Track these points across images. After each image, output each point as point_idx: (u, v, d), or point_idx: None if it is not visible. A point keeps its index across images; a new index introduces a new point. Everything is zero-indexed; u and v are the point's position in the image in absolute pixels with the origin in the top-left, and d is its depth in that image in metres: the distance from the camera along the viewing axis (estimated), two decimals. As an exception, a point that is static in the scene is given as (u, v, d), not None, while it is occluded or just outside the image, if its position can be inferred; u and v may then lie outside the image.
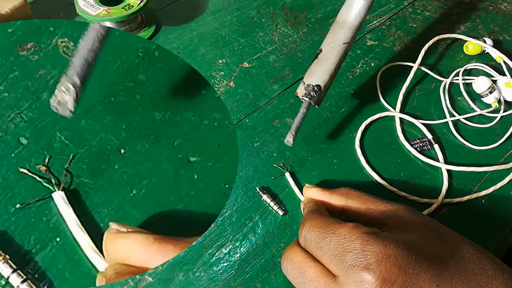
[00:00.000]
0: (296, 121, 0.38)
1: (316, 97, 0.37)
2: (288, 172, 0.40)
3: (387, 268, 0.25)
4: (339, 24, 0.37)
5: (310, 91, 0.36)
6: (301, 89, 0.38)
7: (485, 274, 0.26)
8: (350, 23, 0.37)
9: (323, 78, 0.37)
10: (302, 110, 0.37)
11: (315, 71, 0.37)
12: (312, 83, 0.37)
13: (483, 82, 0.46)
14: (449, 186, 0.40)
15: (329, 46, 0.37)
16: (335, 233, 0.28)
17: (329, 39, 0.38)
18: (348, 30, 0.37)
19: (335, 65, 0.37)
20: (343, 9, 0.38)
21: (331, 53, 0.37)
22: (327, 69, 0.37)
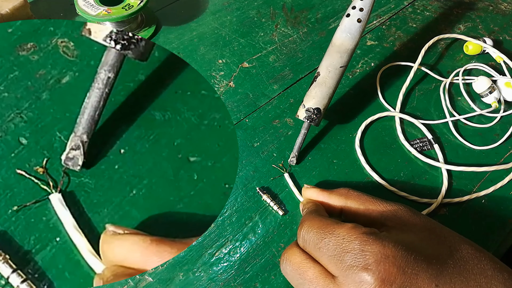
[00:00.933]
0: (298, 141, 0.40)
1: (317, 119, 0.39)
2: (287, 173, 0.40)
3: (386, 268, 0.25)
4: (335, 47, 0.39)
5: (311, 114, 0.39)
6: (302, 111, 0.40)
7: (484, 274, 0.26)
8: (346, 47, 0.38)
9: (322, 101, 0.39)
10: (303, 131, 0.40)
11: (314, 95, 0.39)
12: (312, 107, 0.39)
13: (483, 82, 0.46)
14: (449, 186, 0.40)
15: (327, 70, 0.39)
16: (333, 233, 0.28)
17: (326, 62, 0.39)
18: (344, 54, 0.38)
19: (333, 89, 0.40)
20: (338, 32, 0.39)
21: (329, 77, 0.39)
22: (326, 93, 0.39)
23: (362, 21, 0.38)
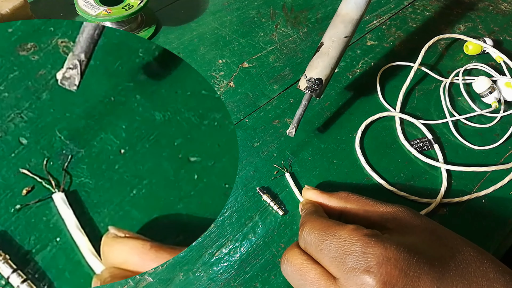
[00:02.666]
0: (298, 112, 0.39)
1: (318, 89, 0.38)
2: (288, 173, 0.40)
3: (387, 270, 0.25)
4: (340, 17, 0.38)
5: (312, 84, 0.37)
6: (303, 81, 0.39)
7: (486, 276, 0.26)
8: (351, 17, 0.37)
9: (324, 71, 0.38)
10: (304, 102, 0.39)
11: (317, 65, 0.38)
12: (313, 77, 0.38)
13: (483, 82, 0.46)
14: (449, 186, 0.40)
15: (330, 40, 0.38)
16: (335, 235, 0.28)
17: (330, 32, 0.38)
18: (349, 24, 0.37)
19: (336, 59, 0.38)
20: (344, 2, 0.38)
21: (332, 47, 0.38)
22: (328, 63, 0.38)
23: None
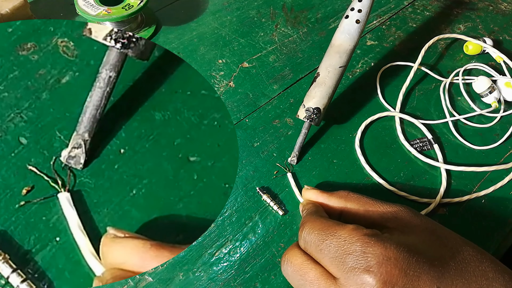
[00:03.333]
0: (299, 141, 0.41)
1: (317, 118, 0.40)
2: (290, 172, 0.40)
3: (387, 270, 0.25)
4: (335, 48, 0.39)
5: (311, 114, 0.39)
6: (302, 111, 0.40)
7: (485, 276, 0.26)
8: (345, 48, 0.39)
9: (322, 101, 0.39)
10: (304, 131, 0.40)
11: (314, 95, 0.39)
12: (312, 106, 0.39)
13: (483, 82, 0.46)
14: (449, 186, 0.40)
15: (326, 70, 0.39)
16: (335, 235, 0.28)
17: (326, 63, 0.40)
18: (343, 54, 0.39)
19: (333, 88, 0.40)
20: (337, 33, 0.39)
21: (328, 77, 0.39)
22: (326, 93, 0.39)
23: (361, 22, 0.38)
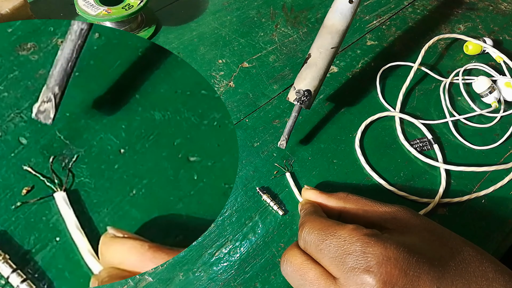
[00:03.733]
0: (288, 124, 0.40)
1: (307, 101, 0.38)
2: (289, 172, 0.40)
3: (387, 270, 0.25)
4: (327, 28, 0.38)
5: (301, 96, 0.38)
6: (292, 94, 0.39)
7: (485, 276, 0.26)
8: (337, 28, 0.38)
9: (313, 83, 0.38)
10: (294, 114, 0.39)
11: (305, 77, 0.39)
12: (302, 88, 0.38)
13: (483, 82, 0.46)
14: (448, 186, 0.40)
15: (318, 51, 0.38)
16: (335, 235, 0.28)
17: (317, 43, 0.39)
18: (335, 34, 0.38)
19: (324, 70, 0.39)
20: (330, 13, 0.39)
21: (319, 58, 0.38)
22: (317, 74, 0.38)
23: (354, 2, 0.38)
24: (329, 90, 0.48)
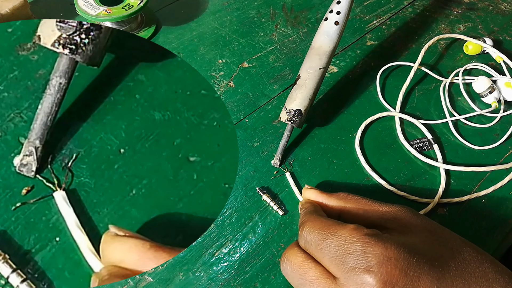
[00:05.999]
0: (281, 143, 0.40)
1: (298, 121, 0.40)
2: (289, 172, 0.40)
3: (388, 270, 0.25)
4: (315, 50, 0.40)
5: (292, 115, 0.39)
6: (284, 113, 0.40)
7: (485, 277, 0.26)
8: (325, 50, 0.39)
9: (303, 103, 0.40)
10: (286, 133, 0.40)
11: (295, 97, 0.40)
12: (293, 108, 0.39)
13: (483, 82, 0.46)
14: (449, 186, 0.40)
15: (307, 72, 0.40)
16: (335, 234, 0.28)
17: (306, 65, 0.40)
18: (323, 56, 0.39)
19: (313, 90, 0.40)
20: (317, 36, 0.40)
21: (309, 79, 0.39)
22: (307, 95, 0.40)
23: (340, 24, 0.39)
24: (329, 90, 0.48)
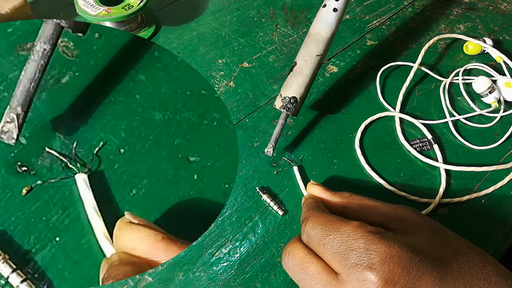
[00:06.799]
0: (275, 131, 0.39)
1: (293, 108, 0.39)
2: (297, 166, 0.40)
3: (390, 268, 0.25)
4: (312, 36, 0.39)
5: (287, 103, 0.38)
6: (278, 101, 0.39)
7: (488, 279, 0.26)
8: (322, 36, 0.39)
9: (298, 90, 0.39)
10: (281, 121, 0.39)
11: (291, 84, 0.39)
12: (288, 95, 0.39)
13: (483, 82, 0.46)
14: (448, 186, 0.40)
15: (303, 59, 0.39)
16: (339, 231, 0.28)
17: (303, 52, 0.39)
18: (320, 42, 0.39)
19: (310, 77, 0.39)
20: (315, 22, 0.39)
21: (305, 66, 0.39)
22: (302, 82, 0.39)
23: (338, 10, 0.38)
24: (329, 90, 0.48)
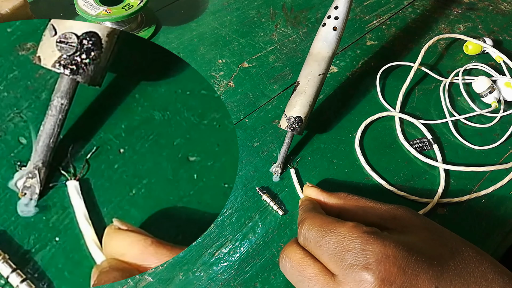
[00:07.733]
0: (282, 151, 0.40)
1: (299, 128, 0.39)
2: (293, 168, 0.40)
3: (386, 268, 0.25)
4: (313, 56, 0.39)
5: (292, 123, 0.39)
6: (284, 121, 0.40)
7: (485, 277, 0.26)
8: (323, 55, 0.39)
9: (303, 110, 0.39)
10: (287, 141, 0.40)
11: (295, 104, 0.39)
12: (293, 115, 0.39)
13: (483, 82, 0.46)
14: (448, 186, 0.40)
15: (306, 79, 0.39)
16: (334, 232, 0.28)
17: (305, 72, 0.40)
18: (322, 61, 0.39)
19: (313, 97, 0.40)
20: (315, 41, 0.39)
21: (308, 86, 0.39)
22: (306, 101, 0.39)
23: (338, 29, 0.38)
24: (329, 90, 0.48)
